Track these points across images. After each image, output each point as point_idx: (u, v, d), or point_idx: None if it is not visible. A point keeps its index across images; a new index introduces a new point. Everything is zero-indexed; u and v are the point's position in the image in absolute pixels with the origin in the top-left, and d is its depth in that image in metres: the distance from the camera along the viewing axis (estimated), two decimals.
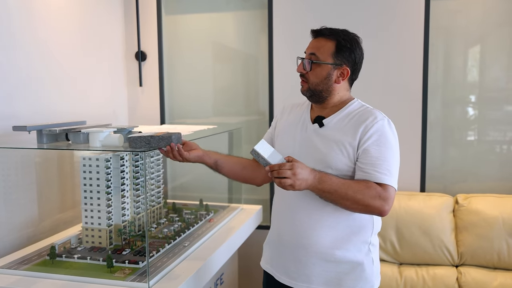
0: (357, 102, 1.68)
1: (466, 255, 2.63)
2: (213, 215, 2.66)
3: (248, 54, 3.24)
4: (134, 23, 3.25)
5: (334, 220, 1.59)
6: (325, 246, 1.59)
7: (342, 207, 1.53)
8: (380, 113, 1.60)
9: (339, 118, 1.63)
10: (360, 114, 1.61)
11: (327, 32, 1.62)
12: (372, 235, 1.66)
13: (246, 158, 1.91)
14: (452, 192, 2.92)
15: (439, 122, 2.97)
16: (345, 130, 1.58)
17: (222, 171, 1.83)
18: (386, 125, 1.57)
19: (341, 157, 1.56)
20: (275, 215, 1.76)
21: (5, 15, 2.12)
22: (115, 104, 3.15)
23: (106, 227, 2.09)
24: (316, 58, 1.61)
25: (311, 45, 1.65)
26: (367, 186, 1.49)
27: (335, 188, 1.47)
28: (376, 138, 1.54)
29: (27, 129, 1.84)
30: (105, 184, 2.08)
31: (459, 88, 2.95)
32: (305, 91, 1.65)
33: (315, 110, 1.71)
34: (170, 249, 2.09)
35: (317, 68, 1.61)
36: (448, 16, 2.90)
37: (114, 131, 1.90)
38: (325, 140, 1.60)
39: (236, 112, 3.31)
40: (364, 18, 2.88)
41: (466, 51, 2.94)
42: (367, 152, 1.53)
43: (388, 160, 1.53)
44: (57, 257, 1.95)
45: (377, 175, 1.51)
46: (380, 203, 1.48)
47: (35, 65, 2.33)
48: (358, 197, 1.47)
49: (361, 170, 1.54)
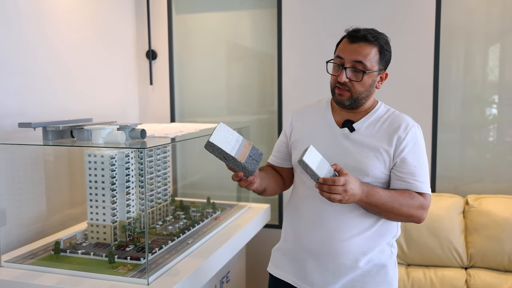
0: (383, 106, 1.64)
1: (476, 257, 2.57)
2: (219, 213, 2.67)
3: (261, 52, 3.23)
4: (145, 22, 3.28)
5: (364, 225, 1.56)
6: (354, 252, 1.55)
7: (384, 217, 1.54)
8: (410, 119, 1.59)
9: (370, 123, 1.58)
10: (391, 120, 1.58)
11: (371, 37, 1.50)
12: (394, 238, 1.65)
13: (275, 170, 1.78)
14: (463, 193, 2.87)
15: (454, 121, 2.91)
16: (378, 136, 1.55)
17: (265, 194, 1.69)
18: (418, 131, 1.57)
19: (378, 164, 1.53)
20: (296, 221, 1.67)
21: (15, 13, 2.16)
22: (126, 103, 3.18)
23: (110, 224, 2.11)
24: (364, 67, 1.49)
25: (355, 51, 1.50)
26: (411, 197, 1.50)
27: (382, 202, 1.46)
28: (412, 146, 1.54)
29: (32, 125, 1.87)
30: (109, 181, 2.10)
31: (476, 88, 2.89)
32: (346, 100, 1.54)
33: (339, 113, 1.63)
34: (173, 246, 2.10)
35: (364, 77, 1.51)
36: (464, 14, 2.84)
37: (117, 128, 1.91)
38: (358, 146, 1.55)
39: (248, 111, 3.31)
40: (374, 17, 2.84)
41: (484, 49, 2.87)
42: (405, 161, 1.53)
43: (424, 168, 1.55)
44: (62, 252, 1.98)
45: (417, 185, 1.52)
46: (421, 212, 1.52)
47: (45, 64, 2.37)
48: (403, 210, 1.49)
49: (401, 179, 1.53)
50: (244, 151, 1.41)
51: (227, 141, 1.37)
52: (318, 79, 2.93)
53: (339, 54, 1.54)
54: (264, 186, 1.62)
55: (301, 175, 1.66)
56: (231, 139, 1.39)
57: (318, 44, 2.92)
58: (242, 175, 1.44)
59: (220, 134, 1.37)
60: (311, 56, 2.97)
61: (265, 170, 1.73)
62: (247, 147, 1.42)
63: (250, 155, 1.42)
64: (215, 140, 1.35)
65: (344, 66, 1.51)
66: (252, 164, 1.42)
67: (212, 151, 1.38)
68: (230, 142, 1.38)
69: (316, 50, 2.94)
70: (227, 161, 1.41)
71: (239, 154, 1.39)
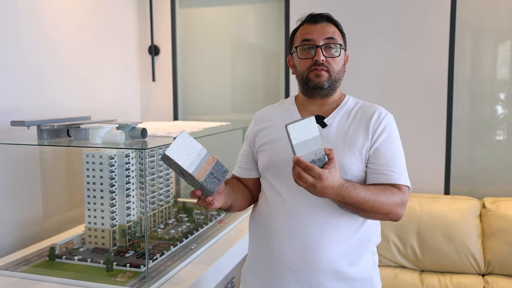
0: (351, 98, 1.53)
1: (494, 263, 2.46)
2: (224, 216, 2.56)
3: (267, 49, 3.13)
4: (147, 16, 3.17)
5: (348, 232, 1.41)
6: (338, 263, 1.39)
7: (361, 216, 1.39)
8: (383, 108, 1.48)
9: (341, 117, 1.46)
10: (363, 111, 1.47)
11: (330, 16, 1.49)
12: (375, 244, 1.52)
13: (241, 182, 1.62)
14: (478, 195, 2.75)
15: (466, 120, 2.79)
16: (352, 129, 1.43)
17: (231, 211, 1.56)
18: (392, 120, 1.46)
19: (355, 161, 1.40)
20: (267, 233, 1.46)
21: (11, 5, 2.06)
22: (127, 100, 3.07)
23: (109, 228, 2.00)
24: (336, 43, 1.44)
25: (323, 30, 1.44)
26: (392, 194, 1.35)
27: (361, 202, 1.29)
28: (386, 135, 1.42)
29: (26, 124, 1.76)
30: (108, 183, 1.99)
31: (487, 86, 2.77)
32: (325, 81, 1.43)
33: (306, 110, 1.51)
34: (176, 251, 1.99)
35: (341, 53, 1.46)
36: (476, 11, 2.72)
37: (116, 127, 1.80)
38: (332, 142, 1.41)
39: (254, 108, 3.21)
40: (385, 13, 2.72)
41: (496, 47, 2.76)
42: (379, 151, 1.40)
43: (401, 159, 1.42)
44: (58, 258, 1.87)
45: (394, 176, 1.38)
46: (400, 209, 1.37)
47: (42, 59, 2.26)
48: (383, 208, 1.33)
49: (376, 172, 1.40)
50: (206, 167, 1.25)
51: (187, 154, 1.22)
52: None
53: (305, 38, 1.45)
54: (230, 202, 1.46)
55: (271, 180, 1.48)
56: (192, 152, 1.23)
57: None
58: (199, 194, 1.29)
59: (179, 146, 1.21)
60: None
61: (230, 184, 1.55)
62: (209, 163, 1.26)
63: (212, 172, 1.26)
64: (173, 153, 1.19)
65: (317, 45, 1.43)
66: (213, 183, 1.26)
67: (169, 164, 1.22)
68: (191, 156, 1.23)
69: None
70: (185, 177, 1.26)
71: (198, 171, 1.23)
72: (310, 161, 1.20)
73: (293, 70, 1.53)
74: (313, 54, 1.43)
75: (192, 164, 1.23)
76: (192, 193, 1.29)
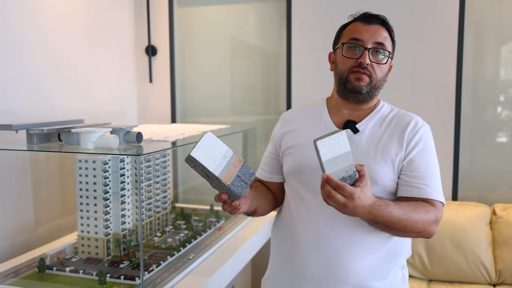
0: (386, 104, 1.46)
1: (506, 273, 2.36)
2: (223, 223, 2.45)
3: (268, 50, 3.03)
4: (144, 15, 3.08)
5: (376, 244, 1.33)
6: (365, 277, 1.31)
7: (391, 234, 1.31)
8: (419, 118, 1.41)
9: (374, 123, 1.38)
10: (398, 118, 1.39)
11: (385, 20, 1.40)
12: (405, 258, 1.43)
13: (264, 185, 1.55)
14: (488, 201, 2.65)
15: (475, 124, 2.69)
16: (386, 137, 1.35)
17: (255, 215, 1.50)
18: (428, 131, 1.39)
19: (387, 170, 1.32)
20: (291, 243, 1.40)
21: (3, 6, 1.95)
22: (124, 102, 2.97)
23: (103, 236, 1.90)
24: (385, 50, 1.36)
25: (375, 32, 1.36)
26: (426, 211, 1.27)
27: (393, 221, 1.22)
28: (422, 146, 1.34)
29: (13, 128, 1.66)
30: (102, 189, 1.89)
31: (493, 87, 2.68)
32: (364, 86, 1.35)
33: (338, 114, 1.43)
34: (173, 262, 1.89)
35: (385, 62, 1.38)
36: (481, 11, 2.63)
37: (109, 131, 1.70)
38: (364, 150, 1.33)
39: (254, 110, 3.11)
40: (392, 12, 2.63)
41: (500, 48, 2.66)
42: (413, 163, 1.32)
43: (435, 172, 1.34)
44: (48, 270, 1.77)
45: (428, 190, 1.30)
46: (434, 227, 1.30)
47: (36, 59, 2.16)
48: (417, 227, 1.25)
49: (408, 184, 1.31)
50: (232, 169, 1.17)
51: (213, 156, 1.14)
52: (331, 78, 2.73)
53: (355, 36, 1.36)
54: (254, 207, 1.39)
55: (296, 187, 1.41)
56: (217, 153, 1.15)
57: (331, 40, 2.71)
58: (225, 198, 1.21)
59: (204, 146, 1.14)
60: (322, 53, 2.74)
61: (254, 187, 1.48)
62: (236, 165, 1.19)
63: (239, 175, 1.19)
64: (198, 154, 1.12)
65: (365, 47, 1.34)
66: (240, 187, 1.19)
67: (194, 166, 1.14)
68: (216, 157, 1.15)
69: (328, 47, 2.72)
70: (210, 180, 1.18)
71: (224, 174, 1.15)
72: (340, 178, 1.12)
73: (332, 67, 1.46)
74: (359, 54, 1.35)
75: (219, 166, 1.15)
76: (218, 197, 1.22)
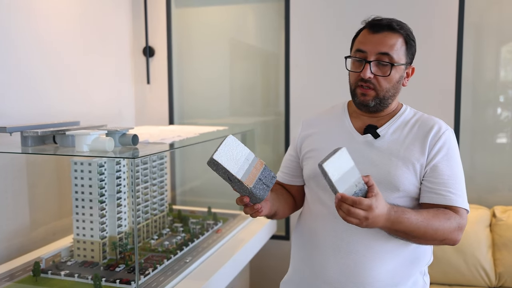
0: (409, 108, 1.43)
1: (506, 276, 2.34)
2: (221, 225, 2.43)
3: (266, 50, 3.01)
4: (141, 16, 3.05)
5: (396, 249, 1.32)
6: (384, 282, 1.31)
7: (412, 242, 1.29)
8: (443, 122, 1.38)
9: (396, 128, 1.36)
10: (421, 123, 1.37)
11: (396, 25, 1.32)
12: (427, 264, 1.41)
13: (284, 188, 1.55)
14: (487, 203, 2.63)
15: (474, 125, 2.67)
16: (408, 142, 1.33)
17: (275, 218, 1.50)
18: (452, 136, 1.36)
19: (409, 176, 1.30)
20: (311, 247, 1.41)
21: None
22: (121, 103, 2.95)
23: (99, 240, 1.88)
24: (391, 60, 1.29)
25: (379, 42, 1.30)
26: (447, 218, 1.25)
27: (412, 228, 1.21)
28: (445, 152, 1.31)
29: (7, 130, 1.64)
30: (98, 192, 1.87)
31: (493, 88, 2.66)
32: (371, 100, 1.32)
33: (359, 118, 1.41)
34: (170, 265, 1.87)
35: (392, 71, 1.31)
36: (480, 12, 2.61)
37: (105, 133, 1.68)
38: (385, 155, 1.32)
39: (252, 112, 3.09)
40: (391, 12, 2.61)
41: (500, 48, 2.64)
42: (437, 169, 1.30)
43: (459, 178, 1.32)
44: (43, 273, 1.75)
45: (451, 197, 1.28)
46: (457, 234, 1.27)
47: (33, 61, 2.14)
48: (438, 235, 1.24)
49: (431, 191, 1.29)
50: (254, 172, 1.17)
51: (235, 159, 1.14)
52: (330, 79, 2.72)
53: (359, 48, 1.33)
54: (275, 210, 1.38)
55: (316, 191, 1.41)
56: (240, 156, 1.15)
57: (330, 41, 2.69)
58: (247, 201, 1.20)
59: (226, 149, 1.13)
60: (321, 54, 2.74)
61: (274, 190, 1.47)
62: (258, 168, 1.18)
63: (261, 178, 1.18)
64: (220, 157, 1.11)
65: (367, 60, 1.30)
66: (262, 190, 1.18)
67: (216, 169, 1.14)
68: (238, 160, 1.14)
69: (327, 48, 2.71)
70: (232, 183, 1.17)
71: (247, 177, 1.15)
72: (352, 194, 1.13)
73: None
74: (361, 68, 1.32)
75: (241, 169, 1.15)
76: (240, 199, 1.21)
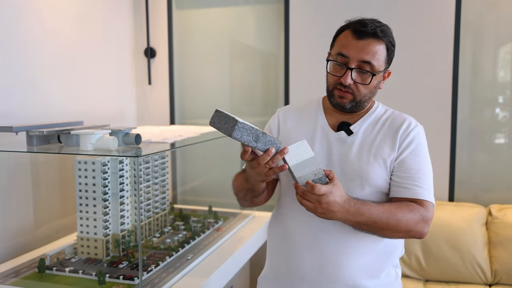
0: (380, 105, 1.46)
1: (501, 273, 2.38)
2: (221, 224, 2.47)
3: (266, 51, 3.05)
4: (143, 17, 3.09)
5: (369, 244, 1.35)
6: (357, 276, 1.34)
7: (379, 236, 1.32)
8: (413, 119, 1.41)
9: (368, 125, 1.40)
10: (392, 120, 1.40)
11: (380, 32, 1.30)
12: (399, 257, 1.45)
13: None
14: (484, 202, 2.66)
15: (471, 125, 2.71)
16: (380, 139, 1.36)
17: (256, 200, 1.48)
18: (421, 132, 1.40)
19: (381, 171, 1.33)
20: (285, 242, 1.42)
21: (2, 6, 1.98)
22: (123, 104, 2.99)
23: (102, 237, 1.92)
24: (372, 68, 1.30)
25: (362, 49, 1.29)
26: (410, 210, 1.27)
27: (374, 219, 1.23)
28: (414, 147, 1.35)
29: (13, 130, 1.68)
30: (101, 190, 1.91)
31: (490, 89, 2.69)
32: (347, 103, 1.34)
33: (332, 115, 1.44)
34: (172, 262, 1.91)
35: (372, 79, 1.32)
36: (478, 11, 2.65)
37: (108, 133, 1.72)
38: (357, 151, 1.35)
39: (252, 112, 3.13)
40: (388, 15, 2.65)
41: (497, 49, 2.68)
42: (405, 163, 1.33)
43: (427, 173, 1.35)
44: (48, 270, 1.79)
45: (418, 191, 1.31)
46: (422, 226, 1.29)
47: (36, 62, 2.18)
48: (401, 226, 1.26)
49: (399, 185, 1.33)
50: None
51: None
52: None
53: (342, 52, 1.32)
54: (264, 187, 1.43)
55: (290, 186, 1.41)
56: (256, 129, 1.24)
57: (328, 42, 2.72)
58: (273, 151, 1.18)
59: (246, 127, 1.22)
60: (320, 55, 2.76)
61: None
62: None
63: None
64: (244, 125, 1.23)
65: (349, 66, 1.31)
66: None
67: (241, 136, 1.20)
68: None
69: (326, 49, 2.74)
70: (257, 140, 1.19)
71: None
72: (310, 181, 1.20)
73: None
74: (342, 73, 1.32)
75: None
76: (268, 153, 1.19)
